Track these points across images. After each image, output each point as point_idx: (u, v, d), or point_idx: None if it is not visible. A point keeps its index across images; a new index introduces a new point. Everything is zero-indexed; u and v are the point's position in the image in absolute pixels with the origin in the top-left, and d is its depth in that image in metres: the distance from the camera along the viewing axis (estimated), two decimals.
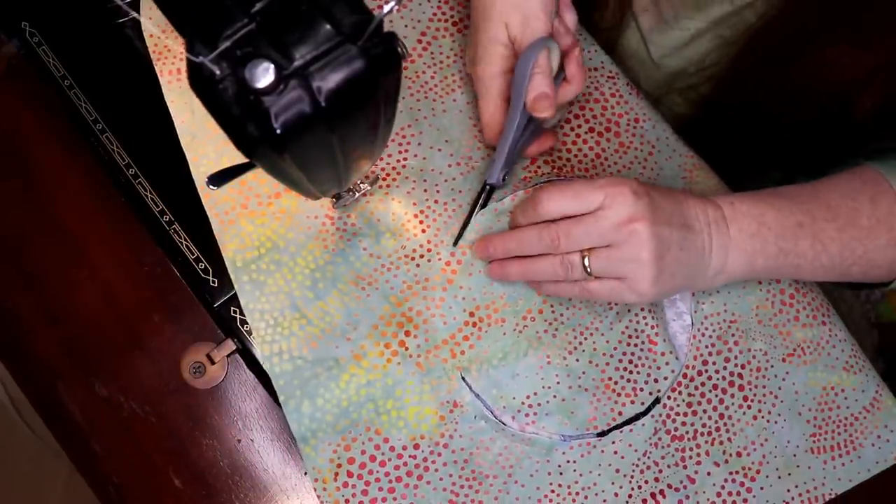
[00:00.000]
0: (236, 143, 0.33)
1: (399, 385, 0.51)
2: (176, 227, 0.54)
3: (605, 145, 0.57)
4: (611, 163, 0.56)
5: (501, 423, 0.51)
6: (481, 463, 0.51)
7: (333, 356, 0.51)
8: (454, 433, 0.51)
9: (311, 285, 0.52)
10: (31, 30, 0.56)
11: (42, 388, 0.54)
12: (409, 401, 0.51)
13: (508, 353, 0.52)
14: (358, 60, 0.31)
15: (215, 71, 0.31)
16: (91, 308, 0.54)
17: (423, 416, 0.51)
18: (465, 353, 0.52)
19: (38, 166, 0.57)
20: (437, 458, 0.51)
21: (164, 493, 0.53)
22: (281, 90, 0.30)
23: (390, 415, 0.51)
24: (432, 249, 0.54)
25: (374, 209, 0.54)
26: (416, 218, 0.54)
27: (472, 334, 0.52)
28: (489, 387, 0.51)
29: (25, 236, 0.56)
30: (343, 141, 0.36)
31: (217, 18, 0.31)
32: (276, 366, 0.50)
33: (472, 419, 0.51)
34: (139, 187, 0.55)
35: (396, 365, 0.51)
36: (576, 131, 0.57)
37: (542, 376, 0.52)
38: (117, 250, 0.55)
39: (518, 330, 0.52)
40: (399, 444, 0.50)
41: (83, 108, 0.55)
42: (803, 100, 0.55)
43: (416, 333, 0.52)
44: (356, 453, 0.50)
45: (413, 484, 0.50)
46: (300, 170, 0.36)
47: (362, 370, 0.51)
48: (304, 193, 0.44)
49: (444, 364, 0.52)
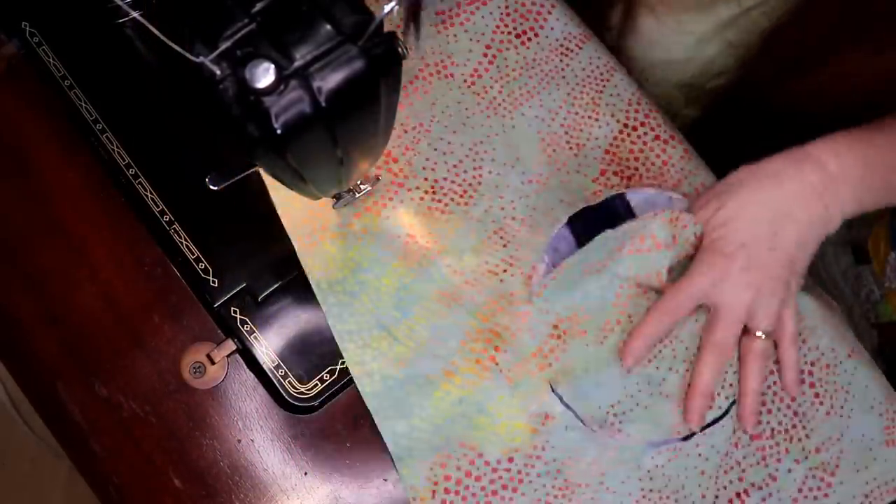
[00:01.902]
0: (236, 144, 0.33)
1: (490, 400, 0.52)
2: (176, 227, 0.54)
3: (671, 152, 0.57)
4: (678, 168, 0.57)
5: (592, 430, 0.51)
6: (573, 472, 0.51)
7: (423, 374, 0.51)
8: (546, 444, 0.51)
9: (397, 304, 0.52)
10: (31, 30, 0.56)
11: (42, 388, 0.54)
12: (501, 415, 0.51)
13: (591, 364, 0.52)
14: (358, 60, 0.31)
15: (215, 71, 0.31)
16: (91, 308, 0.54)
17: (514, 429, 0.51)
18: (553, 366, 0.52)
19: (38, 166, 0.57)
20: (532, 469, 0.51)
21: (164, 493, 0.53)
22: (281, 90, 0.30)
23: (484, 430, 0.51)
24: (514, 264, 0.54)
25: (455, 226, 0.55)
26: (497, 234, 0.55)
27: (557, 347, 0.52)
28: (577, 397, 0.52)
29: (25, 236, 0.55)
30: (343, 141, 0.36)
31: (217, 18, 0.31)
32: (367, 385, 0.51)
33: (563, 430, 0.51)
34: (139, 187, 0.55)
35: (487, 380, 0.52)
36: (642, 139, 0.57)
37: (624, 385, 0.52)
38: (117, 250, 0.55)
39: (599, 341, 0.52)
40: (493, 459, 0.51)
41: (83, 108, 0.55)
42: (819, 107, 0.56)
43: (505, 348, 0.52)
44: (451, 470, 0.50)
45: (508, 497, 0.50)
46: (300, 170, 0.36)
47: (454, 386, 0.51)
48: (305, 194, 0.44)
49: (532, 377, 0.52)
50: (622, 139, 0.57)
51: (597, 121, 0.57)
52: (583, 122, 0.58)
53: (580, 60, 0.59)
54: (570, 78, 0.59)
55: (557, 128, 0.58)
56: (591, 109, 0.58)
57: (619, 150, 0.57)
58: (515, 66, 0.59)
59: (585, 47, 0.59)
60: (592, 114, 0.58)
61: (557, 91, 0.58)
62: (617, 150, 0.57)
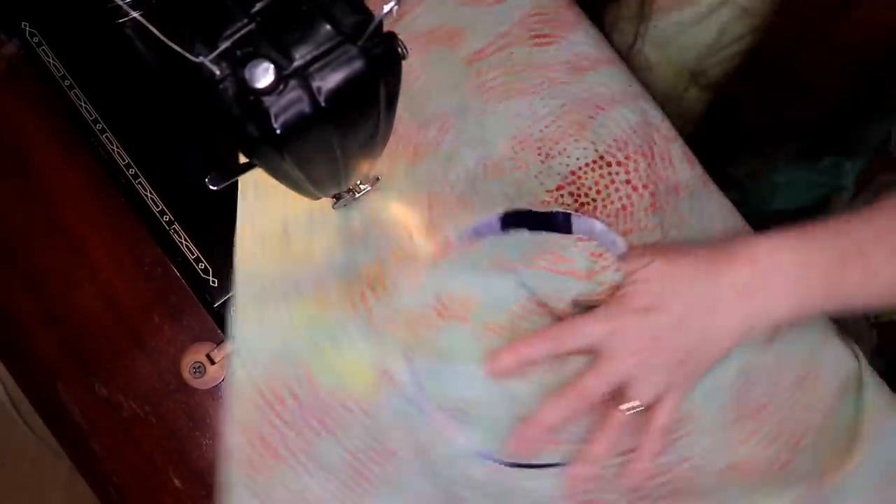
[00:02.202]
0: (236, 144, 0.33)
1: (345, 335, 0.50)
2: (176, 227, 0.54)
3: (637, 200, 0.55)
4: (636, 218, 0.55)
5: (429, 413, 0.50)
6: (392, 439, 0.50)
7: (298, 287, 0.50)
8: (380, 405, 0.50)
9: (308, 220, 0.51)
10: (31, 30, 0.56)
11: (42, 388, 0.54)
12: (348, 355, 0.50)
13: (459, 353, 0.51)
14: (358, 60, 0.31)
15: (215, 71, 0.31)
16: (91, 308, 0.54)
17: (356, 375, 0.50)
18: (420, 335, 0.50)
19: (38, 166, 0.57)
20: (353, 419, 0.50)
21: (164, 493, 0.53)
22: (281, 90, 0.30)
23: (324, 358, 0.50)
24: (432, 230, 0.53)
25: (397, 170, 0.54)
26: (428, 196, 0.54)
27: (433, 320, 0.51)
28: (430, 376, 0.50)
29: (25, 236, 0.56)
30: (343, 141, 0.36)
31: (217, 18, 0.31)
32: (243, 273, 0.50)
33: (401, 399, 0.50)
34: (139, 187, 0.55)
35: (352, 318, 0.51)
36: (612, 176, 0.56)
37: (484, 388, 0.50)
38: (117, 250, 0.55)
39: (478, 336, 0.51)
40: (323, 391, 0.50)
41: (83, 108, 0.55)
42: (847, 58, 0.53)
43: (384, 297, 0.51)
44: (278, 383, 0.49)
45: (320, 432, 0.49)
46: (300, 170, 0.36)
47: (317, 307, 0.50)
48: (304, 194, 0.44)
49: (396, 336, 0.50)
50: (593, 168, 0.55)
51: (576, 141, 0.56)
52: (562, 137, 0.56)
53: (586, 82, 0.58)
54: (569, 94, 0.57)
55: (536, 132, 0.56)
56: (575, 129, 0.56)
57: (586, 176, 0.55)
58: (520, 63, 0.58)
59: (597, 72, 0.58)
60: (575, 133, 0.56)
61: (551, 101, 0.57)
62: (583, 176, 0.55)
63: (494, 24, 0.59)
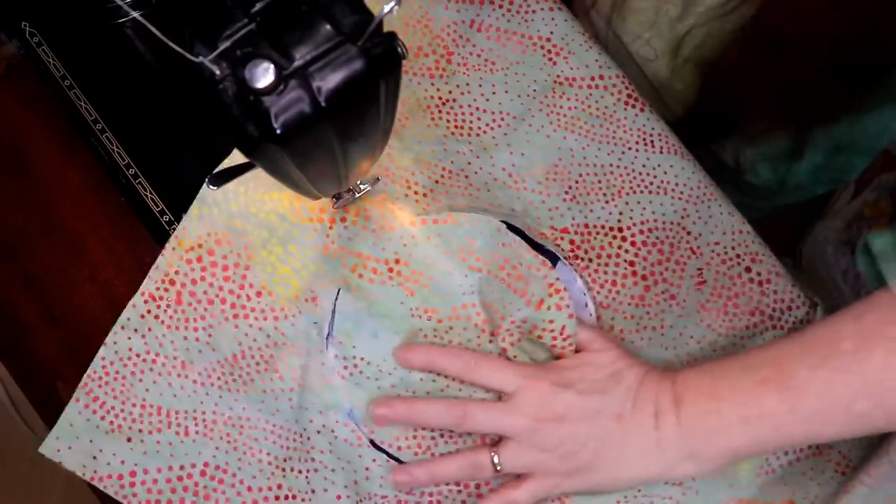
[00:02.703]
0: (236, 144, 0.33)
1: (297, 244, 0.51)
2: (176, 227, 0.54)
3: (629, 287, 0.54)
4: (617, 302, 0.54)
5: (330, 354, 0.50)
6: (283, 358, 0.50)
7: (278, 184, 0.51)
8: (289, 316, 0.51)
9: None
10: (31, 30, 0.56)
11: (42, 388, 0.54)
12: (291, 261, 0.51)
13: (389, 317, 0.50)
14: (358, 60, 0.31)
15: (215, 71, 0.31)
16: (91, 308, 0.54)
17: (287, 279, 0.51)
18: (364, 279, 0.50)
19: (38, 166, 0.57)
20: (263, 321, 0.50)
21: None
22: (281, 90, 0.30)
23: (269, 254, 0.51)
24: (430, 199, 0.53)
25: (422, 136, 0.54)
26: (446, 172, 0.54)
27: (381, 275, 0.51)
28: (349, 318, 0.50)
29: (25, 236, 0.56)
30: (343, 141, 0.36)
31: (217, 18, 0.31)
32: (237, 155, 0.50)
33: (311, 324, 0.51)
34: (139, 187, 0.55)
35: (313, 231, 0.51)
36: (619, 252, 0.55)
37: (385, 359, 0.50)
38: (117, 250, 0.55)
39: (411, 313, 0.51)
40: (251, 280, 0.51)
41: (83, 108, 0.55)
42: (830, 32, 0.53)
43: (349, 227, 0.51)
44: (218, 251, 0.51)
45: (229, 316, 0.50)
46: (300, 170, 0.36)
47: (289, 204, 0.51)
48: (304, 194, 0.44)
49: (341, 267, 0.51)
50: (606, 234, 0.55)
51: (607, 203, 0.55)
52: (596, 191, 0.56)
53: (648, 159, 0.56)
54: (626, 158, 0.56)
55: (575, 174, 0.56)
56: (613, 191, 0.55)
57: (595, 237, 0.55)
58: (601, 109, 0.57)
59: (665, 154, 0.56)
60: (610, 195, 0.55)
61: (607, 156, 0.56)
62: (594, 234, 0.55)
63: (599, 66, 0.58)
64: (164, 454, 0.49)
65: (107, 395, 0.50)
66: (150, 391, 0.50)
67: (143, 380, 0.50)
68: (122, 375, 0.50)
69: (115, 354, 0.50)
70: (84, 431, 0.49)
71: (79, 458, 0.49)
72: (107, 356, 0.50)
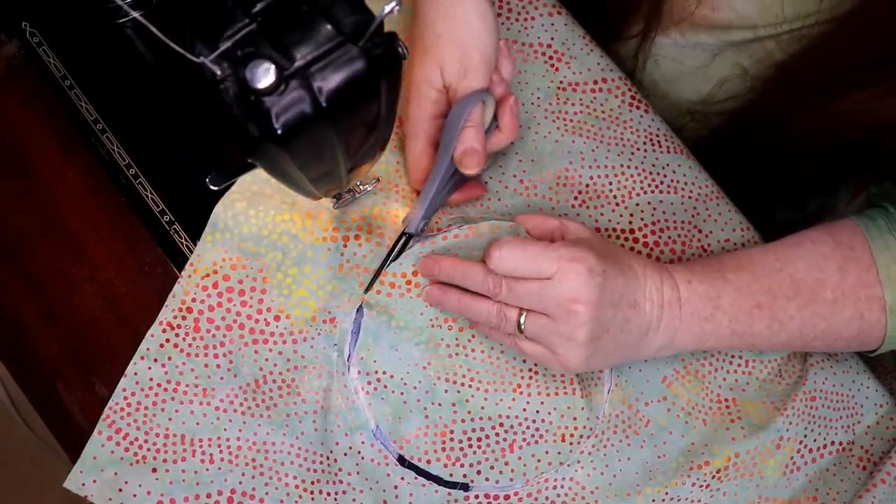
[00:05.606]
0: (237, 144, 0.33)
1: (312, 263, 0.51)
2: (176, 227, 0.54)
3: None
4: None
5: (352, 370, 0.50)
6: (304, 381, 0.50)
7: (294, 196, 0.51)
8: (308, 339, 0.51)
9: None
10: (31, 30, 0.56)
11: (42, 388, 0.54)
12: (307, 282, 0.51)
13: (408, 329, 0.51)
14: (358, 61, 0.31)
15: (216, 71, 0.31)
16: (91, 308, 0.54)
17: (304, 300, 0.51)
18: (381, 294, 0.51)
19: (38, 166, 0.57)
20: (282, 345, 0.50)
21: None
22: (282, 90, 0.30)
23: (285, 276, 0.51)
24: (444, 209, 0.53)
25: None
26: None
27: (399, 288, 0.51)
28: (369, 333, 0.51)
29: (25, 236, 0.55)
30: (344, 141, 0.36)
31: (217, 18, 0.31)
32: (248, 176, 0.50)
33: (331, 343, 0.51)
34: (139, 187, 0.55)
35: (325, 250, 0.51)
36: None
37: (409, 371, 0.51)
38: (117, 250, 0.55)
39: (432, 324, 0.51)
40: (268, 304, 0.51)
41: (83, 108, 0.55)
42: (830, 139, 0.54)
43: (363, 244, 0.52)
44: (234, 276, 0.51)
45: (248, 342, 0.50)
46: (301, 170, 0.37)
47: (298, 224, 0.51)
48: (305, 194, 0.44)
49: (357, 286, 0.51)
50: (618, 237, 0.55)
51: (617, 206, 0.55)
52: (606, 193, 0.56)
53: (658, 158, 0.57)
54: (636, 159, 0.57)
55: (586, 177, 0.56)
56: (623, 193, 0.56)
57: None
58: (606, 111, 0.57)
59: (672, 154, 0.57)
60: (620, 196, 0.56)
61: (616, 157, 0.56)
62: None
63: (601, 69, 0.58)
64: (190, 483, 0.49)
65: (129, 426, 0.49)
66: (172, 420, 0.49)
67: (165, 409, 0.50)
68: (143, 406, 0.50)
69: (136, 385, 0.50)
70: (108, 464, 0.49)
71: (104, 491, 0.48)
72: (128, 387, 0.50)
